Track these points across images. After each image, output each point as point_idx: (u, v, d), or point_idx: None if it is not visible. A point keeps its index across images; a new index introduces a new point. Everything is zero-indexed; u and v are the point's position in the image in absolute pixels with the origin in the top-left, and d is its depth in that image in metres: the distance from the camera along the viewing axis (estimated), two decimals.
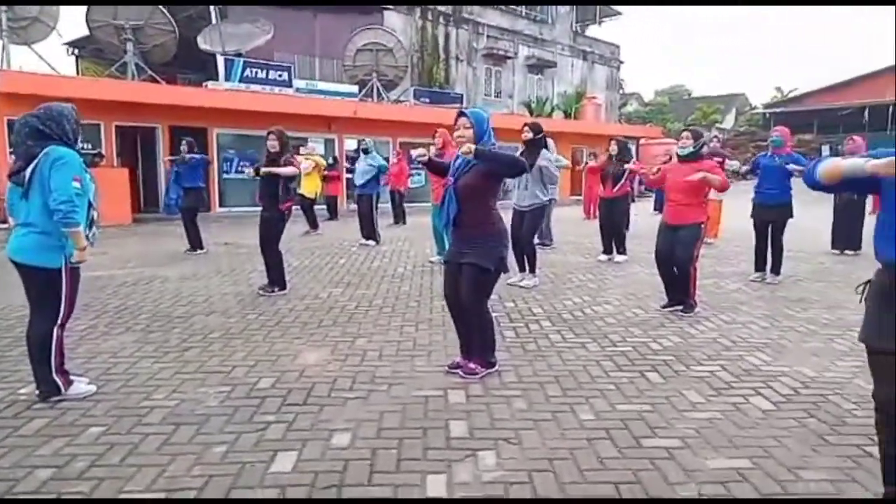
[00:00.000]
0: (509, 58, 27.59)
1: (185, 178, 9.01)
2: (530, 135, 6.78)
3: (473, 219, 3.81)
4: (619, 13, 34.45)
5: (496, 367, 4.01)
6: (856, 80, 39.26)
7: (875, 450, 2.50)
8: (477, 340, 4.00)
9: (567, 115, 27.05)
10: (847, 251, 8.88)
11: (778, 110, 42.35)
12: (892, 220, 2.28)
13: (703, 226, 5.52)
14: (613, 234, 8.59)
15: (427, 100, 20.14)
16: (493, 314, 5.44)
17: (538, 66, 29.22)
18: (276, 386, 3.73)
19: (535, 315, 5.55)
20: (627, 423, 3.25)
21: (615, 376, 3.98)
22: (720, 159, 8.52)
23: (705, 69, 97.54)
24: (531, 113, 25.66)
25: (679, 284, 5.59)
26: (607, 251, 8.59)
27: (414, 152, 4.16)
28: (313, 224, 11.58)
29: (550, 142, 9.68)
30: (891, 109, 36.25)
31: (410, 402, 3.52)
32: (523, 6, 28.38)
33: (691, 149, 5.51)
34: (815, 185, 2.43)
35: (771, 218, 6.97)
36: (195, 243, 9.03)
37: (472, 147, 3.61)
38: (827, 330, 5.08)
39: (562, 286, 6.86)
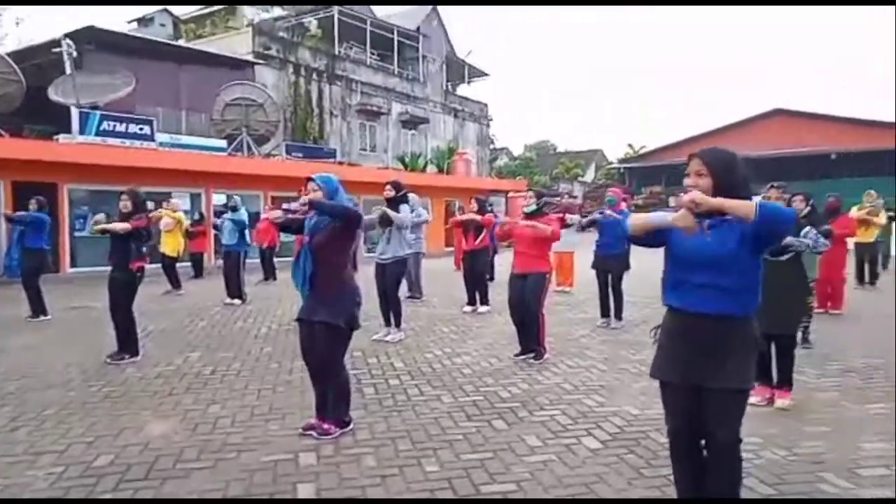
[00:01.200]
0: (383, 113, 28.32)
1: (29, 237, 8.39)
2: (392, 192, 7.05)
3: (327, 276, 3.94)
4: (487, 74, 36.61)
5: (351, 426, 4.09)
6: (694, 138, 44.02)
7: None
8: (332, 399, 4.07)
9: (440, 170, 28.03)
10: None
11: (631, 165, 46.34)
12: (670, 269, 2.68)
13: (547, 275, 6.00)
14: (476, 286, 9.00)
15: (300, 154, 20.14)
16: (354, 371, 5.55)
17: (412, 122, 30.20)
18: (116, 462, 3.58)
19: (396, 370, 5.70)
20: (469, 472, 3.45)
21: (464, 426, 4.19)
22: (560, 213, 9.32)
23: (569, 126, 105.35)
24: (406, 167, 26.37)
25: (529, 332, 5.99)
26: (471, 302, 8.97)
27: (271, 214, 4.24)
28: (175, 283, 11.11)
29: (414, 197, 10.10)
30: None
31: (259, 467, 3.51)
32: (396, 65, 29.40)
33: (534, 206, 6.05)
34: (628, 238, 2.81)
35: (609, 268, 7.68)
36: (37, 309, 8.37)
37: (307, 198, 3.81)
38: None
39: (425, 339, 7.08)
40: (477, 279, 8.98)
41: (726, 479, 2.58)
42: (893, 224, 12.56)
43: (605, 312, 7.80)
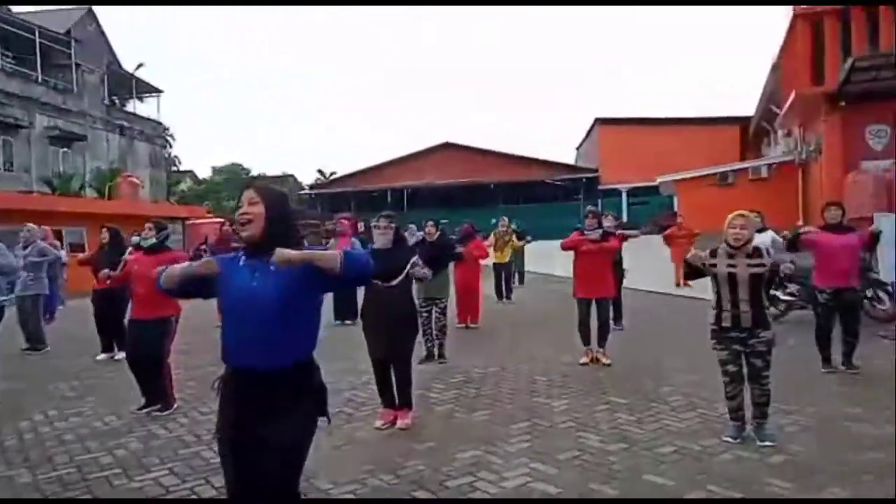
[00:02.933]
0: (23, 127, 23.90)
1: None
2: None
3: None
4: (160, 90, 33.68)
5: None
6: (379, 166, 46.92)
7: None
8: None
9: (101, 194, 24.67)
10: (346, 321, 10.00)
11: (322, 191, 47.40)
12: (222, 319, 2.46)
13: (173, 319, 5.39)
14: (115, 328, 7.83)
15: None
16: None
17: (63, 139, 26.12)
18: None
19: None
20: None
21: None
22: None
23: (264, 150, 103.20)
24: (53, 190, 22.59)
25: (153, 383, 5.31)
26: (107, 349, 7.77)
27: None
28: None
29: (33, 227, 8.52)
30: (405, 192, 44.44)
31: None
32: (39, 72, 25.13)
33: (154, 240, 5.41)
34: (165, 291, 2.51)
35: None
36: None
37: None
38: None
39: (30, 401, 5.83)
40: (112, 322, 7.80)
41: None
42: (524, 245, 14.76)
43: None
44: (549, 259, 18.96)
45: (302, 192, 50.09)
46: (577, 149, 47.63)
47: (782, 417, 4.53)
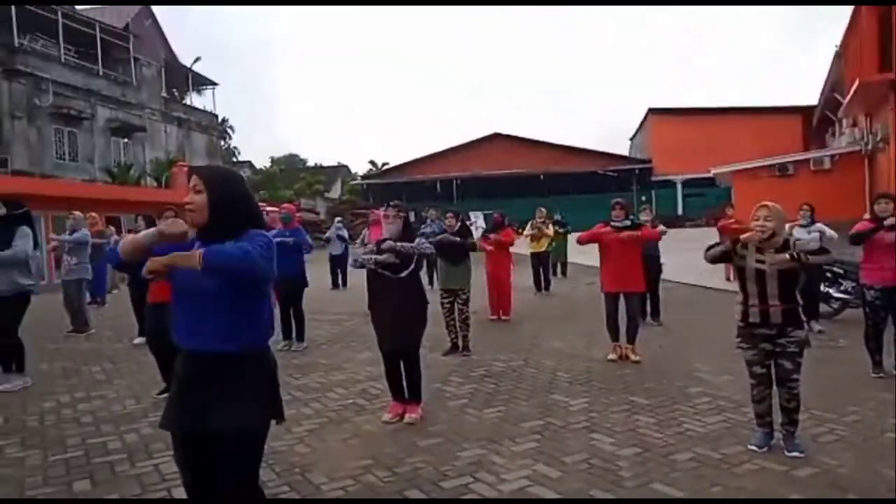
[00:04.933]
0: (85, 119, 24.90)
1: None
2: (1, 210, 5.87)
3: None
4: (215, 83, 34.59)
5: None
6: (430, 156, 46.95)
7: None
8: None
9: (160, 183, 25.54)
10: None
11: (373, 181, 47.78)
12: (174, 299, 2.39)
13: None
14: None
15: None
16: None
17: (124, 130, 27.08)
18: None
19: None
20: None
21: (30, 495, 3.45)
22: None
23: (320, 140, 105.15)
24: (114, 179, 23.50)
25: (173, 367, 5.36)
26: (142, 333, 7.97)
27: None
28: None
29: (78, 215, 8.80)
30: (455, 182, 44.30)
31: None
32: (100, 66, 26.11)
33: None
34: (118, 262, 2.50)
35: (289, 288, 7.35)
36: None
37: None
38: None
39: (59, 383, 6.02)
40: None
41: None
42: (569, 235, 14.39)
43: (287, 335, 7.46)
44: (596, 251, 18.58)
45: (355, 182, 50.68)
46: (631, 140, 46.40)
47: (818, 425, 4.20)
